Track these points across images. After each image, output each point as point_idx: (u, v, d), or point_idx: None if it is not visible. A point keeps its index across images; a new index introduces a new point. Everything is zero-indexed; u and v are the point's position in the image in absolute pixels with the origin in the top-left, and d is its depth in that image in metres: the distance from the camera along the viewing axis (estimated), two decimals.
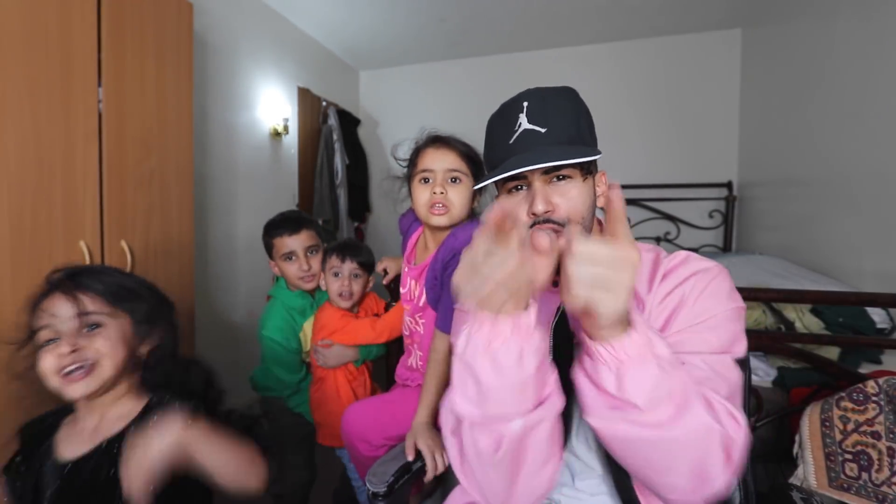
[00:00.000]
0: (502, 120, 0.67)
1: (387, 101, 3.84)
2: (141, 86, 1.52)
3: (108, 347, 0.72)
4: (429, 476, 0.90)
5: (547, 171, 0.63)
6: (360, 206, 3.50)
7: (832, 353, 1.36)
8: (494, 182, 0.66)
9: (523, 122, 0.64)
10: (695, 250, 2.99)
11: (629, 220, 3.21)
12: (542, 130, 0.63)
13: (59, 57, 1.26)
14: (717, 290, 0.62)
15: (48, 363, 0.69)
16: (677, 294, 0.63)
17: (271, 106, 2.73)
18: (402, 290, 1.22)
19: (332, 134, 3.15)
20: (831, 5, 2.01)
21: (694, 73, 3.08)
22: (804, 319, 1.45)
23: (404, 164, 1.12)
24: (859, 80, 1.80)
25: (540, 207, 0.62)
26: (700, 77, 3.07)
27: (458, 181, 1.01)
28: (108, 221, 1.41)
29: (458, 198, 1.00)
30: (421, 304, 1.12)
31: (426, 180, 1.01)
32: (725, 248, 3.00)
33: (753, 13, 2.73)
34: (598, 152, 0.62)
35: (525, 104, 0.65)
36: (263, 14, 2.69)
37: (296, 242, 1.35)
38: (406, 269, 1.19)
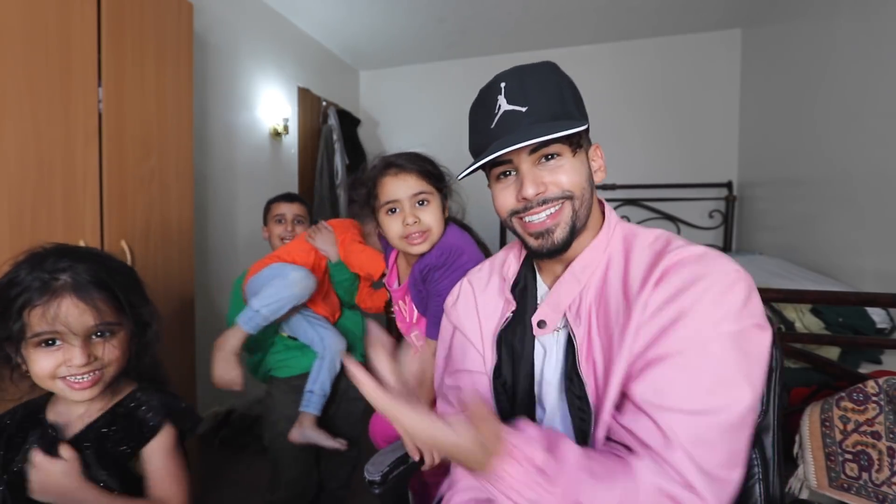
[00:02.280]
0: (482, 105, 0.65)
1: (387, 101, 3.83)
2: (141, 86, 1.52)
3: (117, 355, 0.70)
4: (425, 466, 0.91)
5: (534, 151, 0.60)
6: None
7: (832, 353, 1.36)
8: (481, 169, 0.63)
9: (502, 104, 0.61)
10: None
11: (628, 219, 3.21)
12: (523, 110, 0.60)
13: (59, 57, 1.26)
14: (727, 302, 0.52)
15: (47, 365, 0.65)
16: (674, 307, 0.53)
17: (271, 106, 2.73)
18: (394, 310, 1.21)
19: (332, 134, 3.15)
20: (831, 5, 2.01)
21: (693, 74, 3.08)
22: (804, 319, 1.45)
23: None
24: (859, 79, 1.80)
25: (530, 191, 0.60)
26: (700, 77, 3.07)
27: (426, 203, 0.96)
28: (108, 221, 1.41)
29: (431, 218, 0.96)
30: (415, 319, 1.11)
31: (393, 210, 0.96)
32: (725, 248, 3.00)
33: (753, 13, 2.73)
34: (584, 123, 0.58)
35: (503, 85, 0.62)
36: (263, 14, 2.69)
37: (287, 208, 1.56)
38: (393, 290, 1.16)
